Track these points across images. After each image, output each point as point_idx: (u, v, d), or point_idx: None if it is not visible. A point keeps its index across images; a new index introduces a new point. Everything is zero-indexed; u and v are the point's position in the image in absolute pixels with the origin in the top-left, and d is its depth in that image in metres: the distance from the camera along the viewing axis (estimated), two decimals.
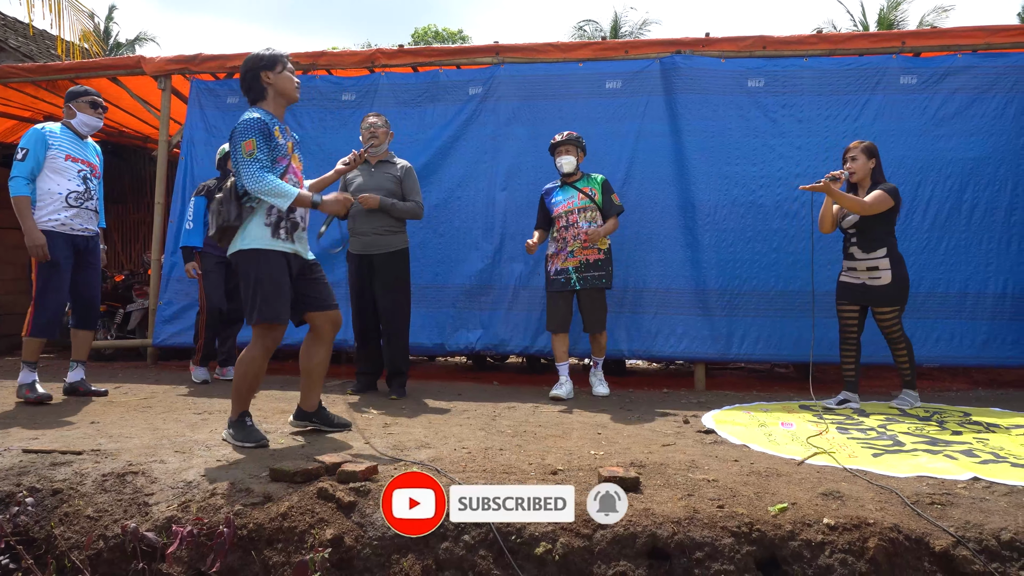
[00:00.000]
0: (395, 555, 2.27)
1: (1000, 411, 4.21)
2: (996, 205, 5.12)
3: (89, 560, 2.40)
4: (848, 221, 4.23)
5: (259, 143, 2.99)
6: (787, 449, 3.17)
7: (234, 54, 6.03)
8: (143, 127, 8.14)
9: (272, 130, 3.05)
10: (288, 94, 3.17)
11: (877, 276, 4.15)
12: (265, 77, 3.11)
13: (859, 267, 4.22)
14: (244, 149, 2.97)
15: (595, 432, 3.55)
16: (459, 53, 5.97)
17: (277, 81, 3.12)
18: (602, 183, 4.81)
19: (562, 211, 4.74)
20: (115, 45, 22.76)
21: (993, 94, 5.16)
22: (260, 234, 3.06)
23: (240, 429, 3.11)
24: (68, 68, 6.51)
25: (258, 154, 2.98)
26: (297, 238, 3.18)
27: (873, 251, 4.15)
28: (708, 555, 2.18)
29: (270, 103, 3.15)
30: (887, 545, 2.14)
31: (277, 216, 3.09)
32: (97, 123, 4.43)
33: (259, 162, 2.98)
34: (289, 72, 3.15)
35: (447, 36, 29.06)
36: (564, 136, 4.77)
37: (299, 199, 3.03)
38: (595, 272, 4.67)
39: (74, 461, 2.79)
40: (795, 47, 5.40)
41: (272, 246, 3.07)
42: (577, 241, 4.67)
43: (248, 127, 3.00)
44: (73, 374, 4.37)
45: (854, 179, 4.25)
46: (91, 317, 4.44)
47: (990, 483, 2.61)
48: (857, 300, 4.25)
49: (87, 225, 4.33)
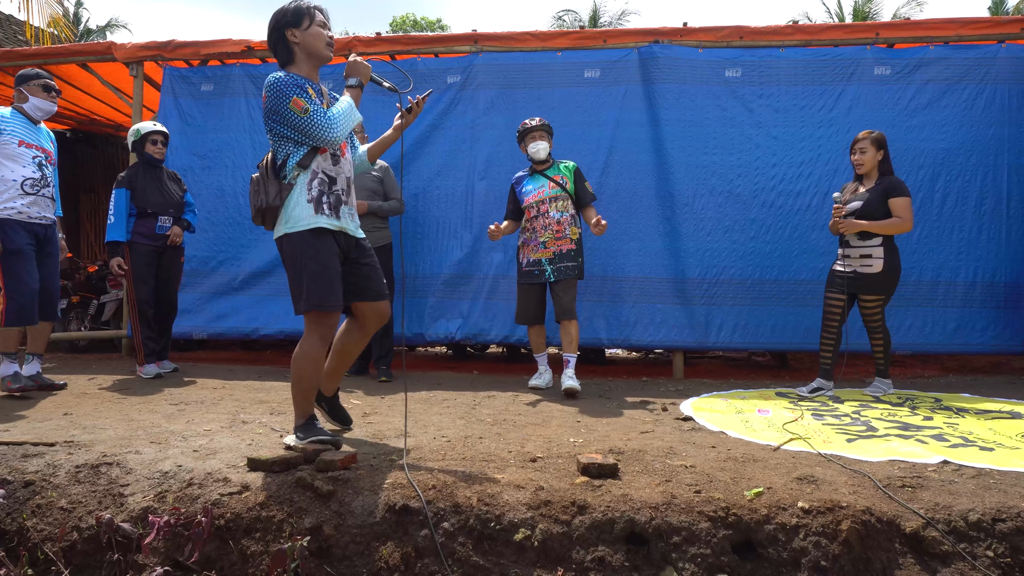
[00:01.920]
0: (374, 543, 2.27)
1: (970, 396, 4.30)
2: (967, 195, 5.21)
3: (63, 552, 2.37)
4: (849, 208, 4.25)
5: (302, 95, 2.69)
6: (763, 435, 3.21)
7: (208, 41, 5.95)
8: (115, 114, 7.99)
9: (305, 86, 2.74)
10: (318, 53, 2.81)
11: (869, 264, 4.18)
12: (291, 35, 2.78)
13: (853, 254, 4.24)
14: (296, 110, 2.67)
15: (574, 420, 3.57)
16: (437, 41, 5.93)
17: (304, 39, 2.78)
18: (574, 170, 4.69)
19: (532, 201, 4.63)
20: (85, 31, 22.28)
21: (964, 85, 5.24)
22: (304, 213, 2.75)
23: (308, 431, 2.78)
24: (36, 54, 6.36)
25: (310, 105, 2.69)
26: (343, 214, 2.84)
27: (869, 238, 4.19)
28: (685, 539, 2.20)
29: (301, 65, 2.83)
30: (859, 527, 2.18)
31: (319, 190, 2.77)
32: (51, 107, 4.26)
33: (317, 111, 2.70)
34: (319, 26, 2.79)
35: (426, 25, 28.84)
36: (537, 122, 4.64)
37: (351, 102, 2.81)
38: (568, 263, 4.54)
39: (47, 452, 2.75)
40: (771, 38, 5.43)
41: (317, 223, 2.75)
42: (548, 231, 4.56)
43: (281, 88, 2.69)
44: (28, 367, 4.22)
45: (861, 171, 4.27)
46: (50, 308, 4.30)
47: (959, 466, 2.66)
48: (846, 288, 4.24)
49: (44, 213, 4.20)
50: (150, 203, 4.89)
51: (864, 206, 4.18)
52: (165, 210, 4.94)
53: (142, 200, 4.88)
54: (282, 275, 5.64)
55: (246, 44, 5.86)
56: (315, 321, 2.79)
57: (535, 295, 4.63)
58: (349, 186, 2.90)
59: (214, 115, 5.89)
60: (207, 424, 3.31)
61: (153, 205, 4.90)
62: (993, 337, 5.14)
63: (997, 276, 5.17)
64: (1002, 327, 5.14)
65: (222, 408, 3.76)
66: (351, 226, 2.90)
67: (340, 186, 2.85)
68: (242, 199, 5.79)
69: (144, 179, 4.92)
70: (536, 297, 4.63)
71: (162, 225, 4.93)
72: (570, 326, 4.54)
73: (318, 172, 2.79)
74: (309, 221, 2.75)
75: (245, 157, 5.82)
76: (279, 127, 2.76)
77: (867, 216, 4.17)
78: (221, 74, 5.93)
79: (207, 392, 4.29)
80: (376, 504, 2.33)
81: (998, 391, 4.48)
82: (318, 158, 2.79)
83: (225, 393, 4.27)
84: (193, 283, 5.73)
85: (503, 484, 2.41)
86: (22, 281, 4.03)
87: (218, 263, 5.76)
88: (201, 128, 5.88)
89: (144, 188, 4.89)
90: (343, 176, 2.87)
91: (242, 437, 3.05)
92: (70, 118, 8.21)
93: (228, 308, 5.70)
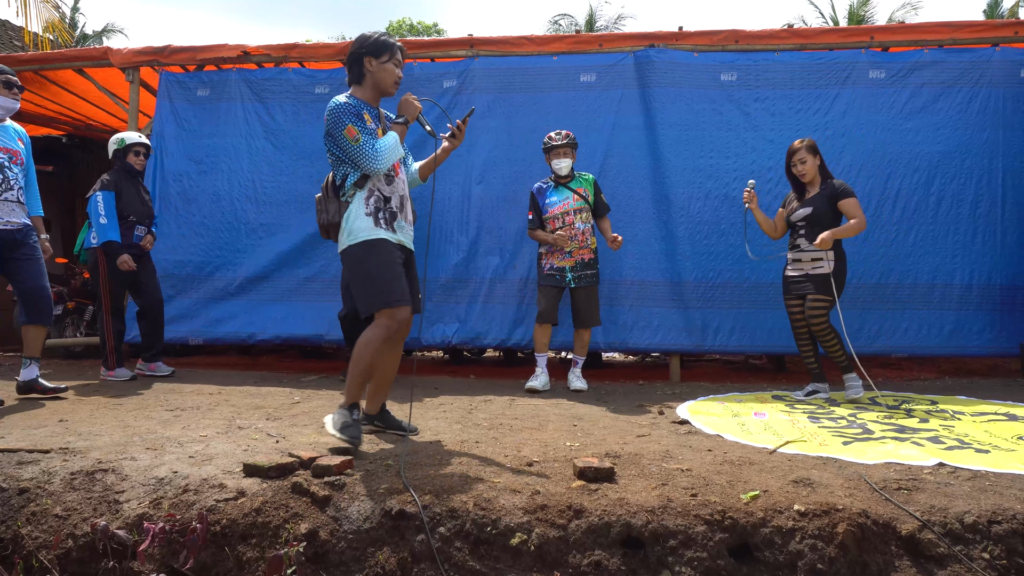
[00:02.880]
0: (370, 548, 2.27)
1: (965, 399, 4.31)
2: (962, 197, 5.23)
3: (58, 559, 2.36)
4: (798, 215, 4.30)
5: (357, 124, 2.93)
6: (760, 438, 3.21)
7: (205, 46, 5.96)
8: (111, 120, 7.98)
9: (361, 113, 2.97)
10: (383, 87, 3.07)
11: (820, 265, 4.21)
12: (368, 63, 3.03)
13: (804, 258, 4.28)
14: (348, 138, 2.91)
15: (571, 424, 3.57)
16: (433, 46, 5.94)
17: (378, 71, 3.04)
18: (593, 183, 4.88)
19: (558, 212, 4.78)
20: (82, 36, 22.27)
21: (958, 88, 5.26)
22: (364, 225, 2.96)
23: (342, 418, 2.90)
24: (32, 59, 6.36)
25: (362, 136, 2.92)
26: (398, 228, 3.05)
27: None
28: (681, 543, 2.20)
29: (365, 90, 3.07)
30: (856, 530, 2.18)
31: (375, 205, 2.99)
32: (13, 105, 4.07)
33: (367, 143, 2.92)
34: (394, 64, 3.05)
35: (422, 29, 28.87)
36: (562, 138, 4.76)
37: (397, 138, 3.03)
38: (589, 271, 4.76)
39: (41, 459, 2.74)
40: (767, 41, 5.45)
41: (377, 235, 2.96)
42: (574, 242, 4.73)
43: (338, 115, 2.94)
44: (27, 371, 4.14)
45: (806, 179, 4.32)
46: (41, 311, 4.14)
47: (955, 468, 2.67)
48: (799, 292, 4.30)
49: (8, 218, 3.99)
50: (132, 210, 5.00)
51: (814, 212, 4.22)
52: (143, 219, 5.09)
53: (126, 207, 4.97)
54: (279, 280, 5.69)
55: (242, 49, 5.86)
56: (385, 316, 2.94)
57: (552, 296, 4.77)
58: (403, 203, 3.11)
59: (210, 120, 5.89)
60: (203, 430, 3.31)
61: (136, 213, 5.02)
62: (989, 340, 5.15)
63: (993, 279, 5.19)
64: (998, 330, 5.15)
65: (218, 414, 3.75)
66: (407, 239, 3.12)
67: (394, 204, 3.06)
68: (238, 204, 5.79)
69: (126, 186, 5.01)
70: (553, 298, 4.77)
71: (138, 234, 5.06)
72: (585, 334, 4.81)
73: (373, 191, 3.00)
74: (369, 232, 2.96)
75: (241, 162, 5.82)
76: (335, 148, 3.01)
77: (818, 222, 4.21)
78: (217, 79, 5.93)
79: (203, 398, 4.28)
80: (372, 509, 2.33)
81: (994, 393, 4.48)
82: (372, 178, 3.00)
83: (221, 399, 4.26)
84: (189, 288, 5.73)
85: (499, 488, 2.41)
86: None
87: (214, 268, 5.76)
88: (197, 133, 5.88)
89: (128, 196, 4.98)
90: (396, 194, 3.07)
91: (238, 443, 3.04)
92: (66, 123, 8.20)
93: (224, 313, 5.69)
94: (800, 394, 4.38)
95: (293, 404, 4.09)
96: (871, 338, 5.19)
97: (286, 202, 5.74)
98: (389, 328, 2.93)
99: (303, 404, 4.09)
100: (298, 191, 5.69)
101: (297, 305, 5.62)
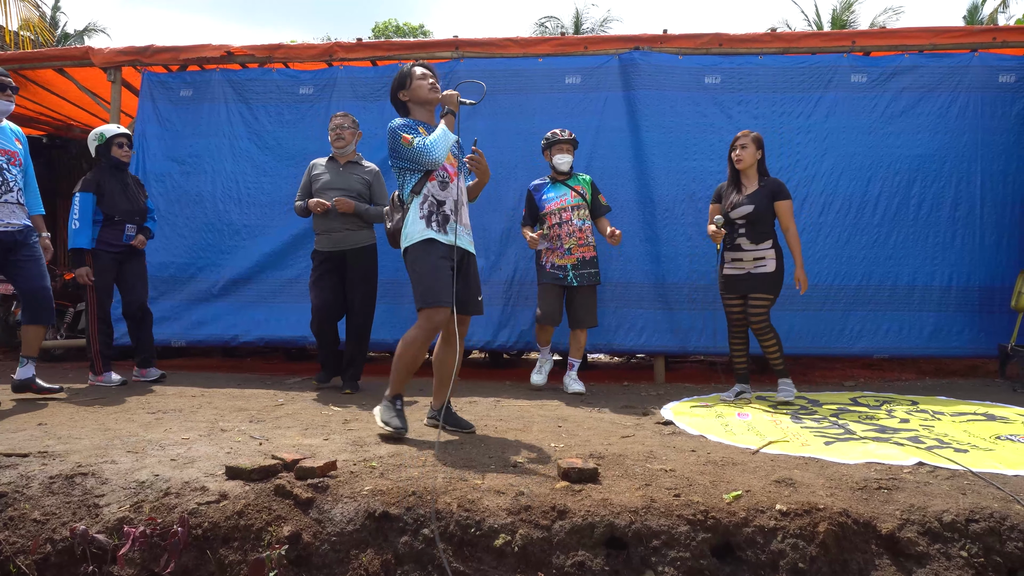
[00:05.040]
0: (354, 550, 2.26)
1: (945, 399, 4.37)
2: (942, 201, 5.30)
3: (36, 564, 2.33)
4: (738, 212, 4.28)
5: (411, 132, 3.19)
6: (743, 439, 3.23)
7: (187, 46, 5.91)
8: (92, 120, 7.89)
9: (416, 128, 3.23)
10: (423, 100, 3.32)
11: (763, 264, 4.23)
12: (402, 95, 3.33)
13: (746, 258, 4.29)
14: (405, 144, 3.15)
15: (555, 425, 3.58)
16: (418, 47, 5.93)
17: (412, 95, 3.32)
18: (591, 183, 4.89)
19: (555, 208, 4.79)
20: (63, 36, 22.03)
21: (938, 93, 5.33)
22: (418, 228, 3.20)
23: (387, 409, 3.21)
24: (12, 58, 6.28)
25: (415, 138, 3.15)
26: (450, 229, 3.25)
27: (761, 242, 4.24)
28: (664, 543, 2.21)
29: (416, 112, 3.35)
30: (836, 529, 2.20)
31: (428, 209, 3.22)
32: (7, 107, 4.08)
33: (420, 142, 3.14)
34: (419, 80, 3.30)
35: (408, 31, 28.81)
36: (566, 135, 4.79)
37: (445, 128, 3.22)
38: (591, 269, 4.76)
39: (20, 463, 2.70)
40: (750, 45, 5.49)
41: (428, 235, 3.19)
42: (573, 238, 4.73)
43: (395, 130, 3.21)
44: (23, 371, 4.15)
45: (740, 166, 4.31)
46: (41, 311, 4.15)
47: (934, 468, 2.70)
48: (741, 291, 4.30)
49: (9, 220, 4.02)
50: (118, 210, 4.77)
51: (755, 210, 4.22)
52: (132, 218, 4.84)
53: (109, 206, 4.74)
54: (263, 281, 5.67)
55: (226, 49, 5.83)
56: (426, 316, 3.16)
57: (554, 295, 4.76)
58: (458, 207, 3.30)
59: (193, 120, 5.85)
60: (185, 432, 3.28)
61: (121, 212, 4.78)
62: (968, 340, 5.22)
63: (972, 280, 5.26)
64: (977, 330, 5.22)
65: (200, 416, 3.72)
66: (461, 241, 3.28)
67: (448, 207, 3.28)
68: (221, 204, 5.75)
69: (111, 184, 4.77)
70: (555, 298, 4.76)
71: (128, 234, 4.83)
72: (581, 335, 4.79)
73: (428, 196, 3.24)
74: (422, 234, 3.19)
75: (224, 162, 5.78)
76: (398, 161, 3.25)
77: (758, 219, 4.23)
78: (200, 79, 5.89)
79: (185, 400, 4.24)
80: (356, 511, 2.32)
81: (973, 394, 4.54)
82: (428, 184, 3.24)
83: (204, 401, 4.22)
84: (171, 290, 5.68)
85: (483, 490, 2.41)
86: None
87: (197, 269, 5.71)
88: (180, 133, 5.83)
89: (112, 193, 4.75)
90: (450, 199, 3.29)
91: (221, 445, 3.02)
92: (47, 124, 8.11)
93: (207, 315, 5.65)
94: (728, 395, 4.40)
95: (277, 406, 4.06)
96: (853, 339, 5.24)
97: (270, 203, 5.70)
98: (428, 330, 3.17)
99: (287, 406, 4.07)
100: (282, 192, 5.66)
101: (281, 307, 5.58)
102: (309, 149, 5.45)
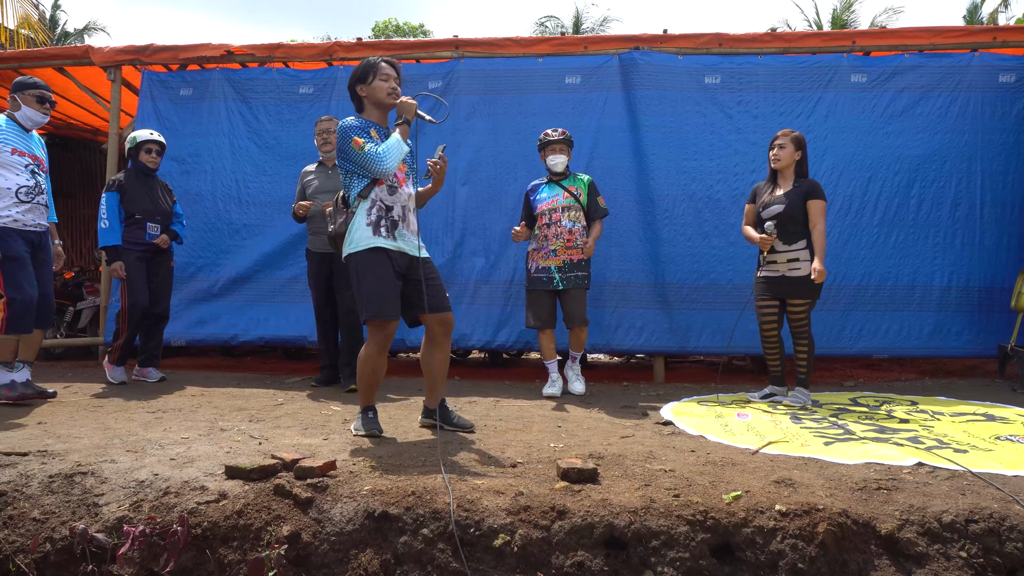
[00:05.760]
0: (353, 550, 2.26)
1: (945, 399, 4.37)
2: (941, 200, 5.30)
3: (35, 564, 2.33)
4: (769, 212, 4.24)
5: (362, 135, 3.13)
6: (742, 439, 3.23)
7: (187, 45, 5.91)
8: (92, 119, 7.91)
9: (368, 130, 3.18)
10: (380, 102, 3.25)
11: (797, 267, 4.16)
12: (360, 90, 3.26)
13: (779, 259, 4.23)
14: (355, 148, 3.09)
15: (555, 425, 3.58)
16: (418, 47, 5.93)
17: (369, 92, 3.24)
18: (588, 184, 4.76)
19: (545, 208, 4.69)
20: (63, 35, 22.01)
21: (938, 93, 5.33)
22: (362, 235, 3.15)
23: (360, 420, 3.27)
24: (12, 57, 6.28)
25: (367, 143, 3.10)
26: (399, 235, 3.21)
27: (794, 243, 4.18)
28: (664, 543, 2.21)
29: (370, 112, 3.29)
30: (836, 529, 2.20)
31: (376, 215, 3.17)
32: (42, 119, 4.26)
33: (371, 149, 3.08)
34: (381, 80, 3.22)
35: (408, 30, 28.80)
36: (558, 134, 4.69)
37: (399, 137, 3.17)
38: (578, 272, 4.62)
39: (19, 463, 2.70)
40: (750, 45, 5.49)
41: (373, 243, 3.14)
42: (560, 240, 4.62)
43: (345, 131, 3.14)
44: (19, 375, 4.13)
45: (777, 166, 4.27)
46: (45, 316, 4.24)
47: (933, 468, 2.70)
48: (777, 294, 4.25)
49: (39, 220, 4.19)
50: (138, 208, 4.89)
51: (787, 208, 4.18)
52: (152, 216, 4.93)
53: (130, 205, 4.88)
54: (262, 280, 5.67)
55: (226, 48, 5.82)
56: (374, 329, 3.16)
57: (545, 300, 4.66)
58: (405, 213, 3.27)
59: (193, 119, 5.85)
60: (185, 432, 3.28)
61: (141, 211, 4.89)
62: (968, 340, 5.21)
63: (971, 280, 5.26)
64: (977, 331, 5.22)
65: (200, 416, 3.72)
66: (408, 246, 3.24)
67: (396, 213, 3.23)
68: (221, 204, 5.75)
69: (134, 185, 4.92)
70: (546, 302, 4.66)
71: (151, 233, 4.93)
72: (580, 332, 4.68)
73: (376, 200, 3.18)
74: (368, 241, 3.14)
75: (224, 162, 5.78)
76: (345, 163, 3.18)
77: (790, 217, 4.16)
78: (200, 79, 5.89)
79: (185, 399, 4.24)
80: (355, 511, 2.32)
81: (973, 394, 4.54)
82: (376, 189, 3.18)
83: (204, 400, 4.22)
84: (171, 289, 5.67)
85: (483, 490, 2.41)
86: (23, 289, 3.99)
87: (196, 268, 5.71)
88: (179, 132, 5.83)
89: (133, 194, 4.89)
90: (399, 204, 3.24)
91: (220, 445, 3.02)
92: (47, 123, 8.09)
93: (207, 314, 5.65)
94: (756, 395, 4.39)
95: (276, 406, 4.07)
96: (853, 339, 5.24)
97: (269, 203, 5.71)
98: (380, 342, 3.17)
99: (286, 406, 4.07)
100: (281, 192, 5.66)
101: (280, 306, 5.59)
102: (309, 148, 5.44)
